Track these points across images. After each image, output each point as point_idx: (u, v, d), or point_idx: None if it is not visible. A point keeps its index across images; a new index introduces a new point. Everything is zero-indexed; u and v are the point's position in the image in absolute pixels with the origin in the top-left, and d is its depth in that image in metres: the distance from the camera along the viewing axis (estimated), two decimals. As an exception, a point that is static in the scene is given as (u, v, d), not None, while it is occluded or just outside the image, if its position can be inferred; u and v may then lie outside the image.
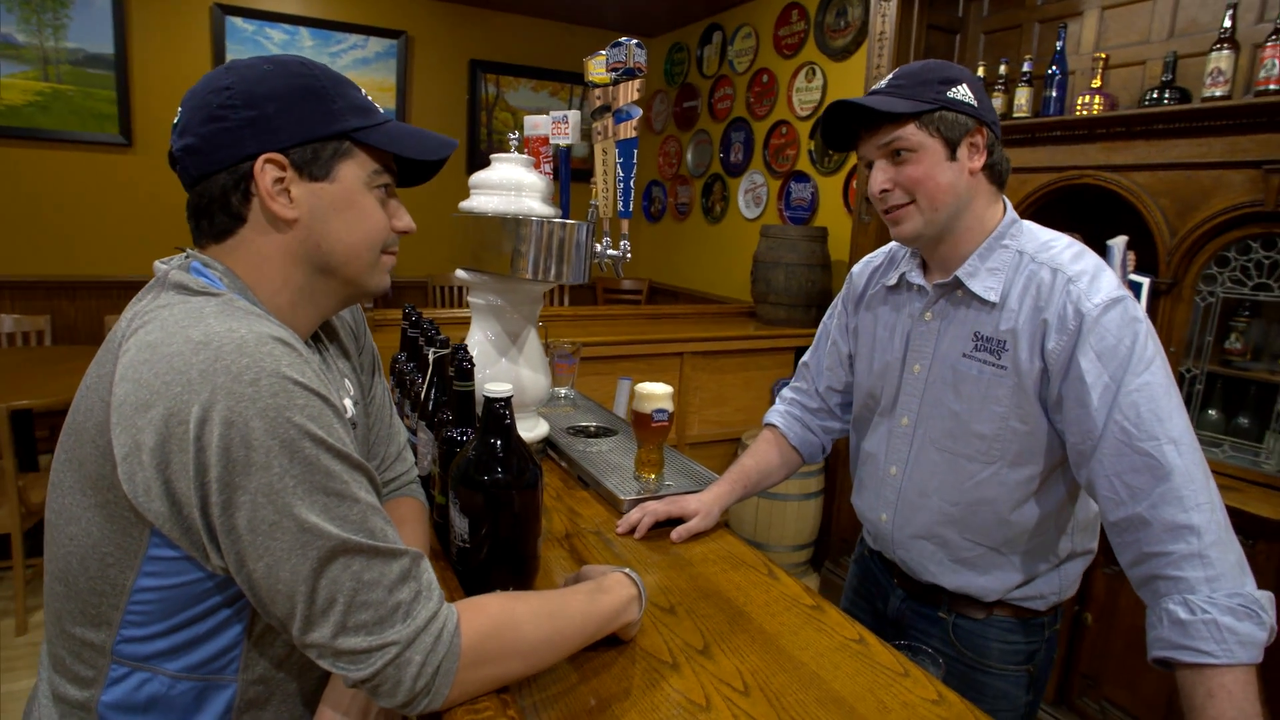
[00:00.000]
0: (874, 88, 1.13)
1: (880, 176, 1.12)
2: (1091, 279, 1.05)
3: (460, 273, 1.50)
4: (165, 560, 0.69)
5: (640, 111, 1.34)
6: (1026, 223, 1.17)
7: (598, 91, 1.41)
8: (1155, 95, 2.25)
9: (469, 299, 1.53)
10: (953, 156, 1.08)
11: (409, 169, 0.90)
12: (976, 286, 1.12)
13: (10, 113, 3.94)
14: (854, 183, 3.61)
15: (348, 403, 0.92)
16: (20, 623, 2.61)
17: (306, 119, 0.77)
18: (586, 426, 1.71)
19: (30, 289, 3.98)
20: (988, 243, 1.13)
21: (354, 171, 0.80)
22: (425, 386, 1.30)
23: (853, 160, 3.62)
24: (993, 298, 1.11)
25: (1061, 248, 1.11)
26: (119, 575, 0.69)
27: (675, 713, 0.80)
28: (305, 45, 4.45)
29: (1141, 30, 2.47)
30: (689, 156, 5.00)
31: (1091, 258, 1.09)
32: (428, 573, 0.73)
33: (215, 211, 0.77)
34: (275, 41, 4.38)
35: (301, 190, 0.78)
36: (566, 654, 0.83)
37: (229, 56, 4.28)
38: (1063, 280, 1.06)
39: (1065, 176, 2.37)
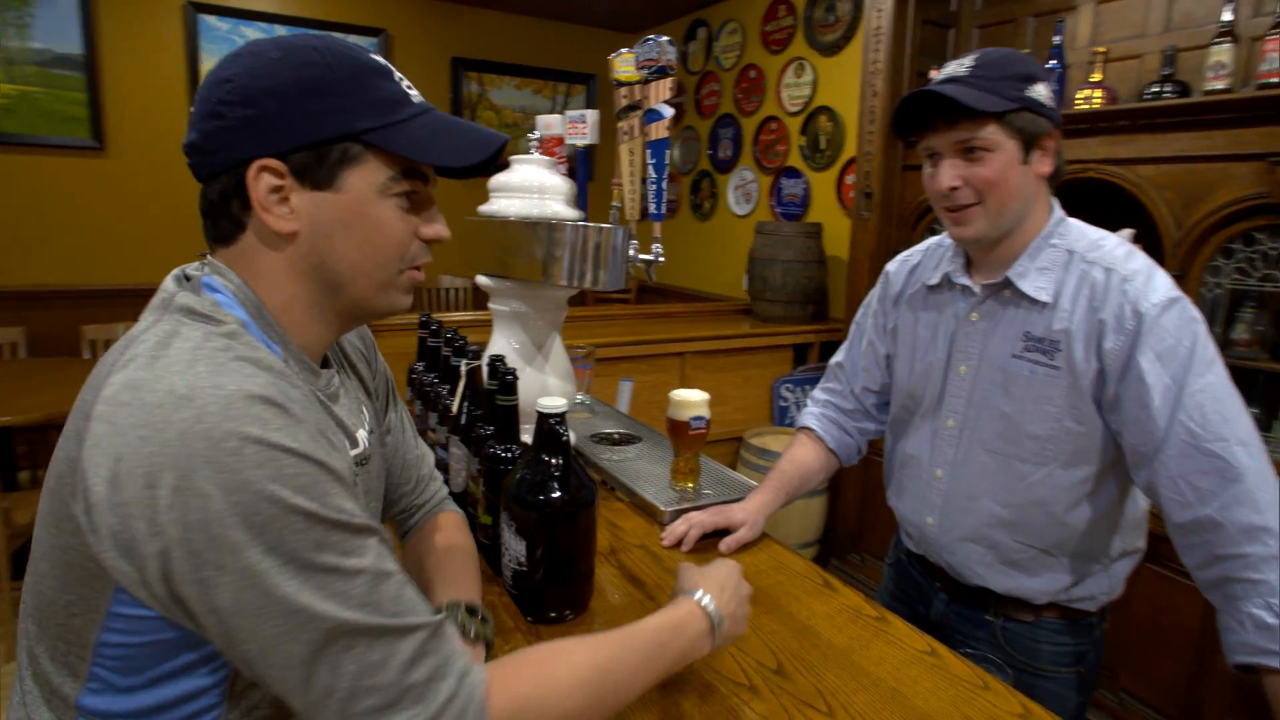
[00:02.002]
0: (950, 73, 1.08)
1: (949, 173, 1.07)
2: (1147, 278, 1.03)
3: (482, 279, 1.45)
4: (132, 619, 0.61)
5: (673, 111, 1.30)
6: (1073, 221, 1.15)
7: (624, 90, 1.38)
8: (1155, 89, 2.26)
9: (491, 305, 1.49)
10: (1026, 159, 1.05)
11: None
12: (1027, 286, 1.10)
13: (-25, 116, 3.79)
14: (848, 178, 3.61)
15: (362, 434, 0.84)
16: (8, 649, 2.50)
17: (310, 119, 0.68)
18: (610, 434, 1.67)
19: (1, 300, 3.83)
20: (1036, 242, 1.11)
21: (364, 179, 0.71)
22: (458, 400, 1.25)
23: (846, 155, 3.62)
24: (1044, 298, 1.09)
25: (1112, 246, 1.09)
26: (83, 627, 0.62)
27: (765, 740, 0.77)
28: (282, 44, 4.34)
29: (1137, 24, 2.48)
30: (676, 153, 4.96)
31: (1142, 257, 1.07)
32: (449, 643, 0.65)
33: (219, 215, 0.70)
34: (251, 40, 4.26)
35: (303, 200, 0.69)
36: (620, 708, 0.74)
37: (203, 56, 4.16)
38: (1117, 280, 1.04)
39: (1069, 170, 2.38)
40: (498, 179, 1.44)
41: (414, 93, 0.75)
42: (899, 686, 0.86)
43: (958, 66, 1.07)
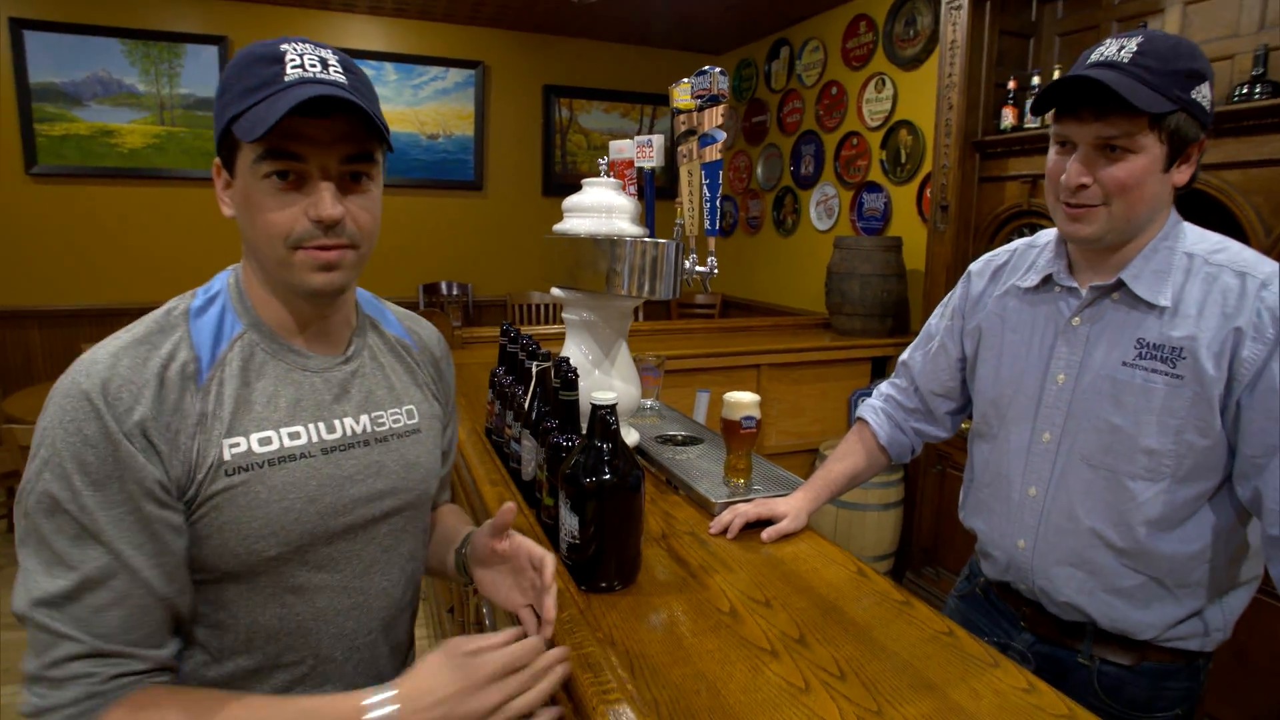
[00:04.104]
0: (1108, 56, 0.99)
1: (1081, 168, 1.02)
2: None
3: (556, 290, 1.60)
4: None
5: (725, 135, 1.42)
6: (1187, 224, 1.10)
7: (682, 116, 1.50)
8: (1245, 90, 2.20)
9: (564, 315, 1.63)
10: (1168, 167, 1.01)
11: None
12: (1142, 290, 1.05)
13: (133, 155, 4.31)
14: (928, 191, 3.60)
15: (375, 418, 0.93)
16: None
17: (219, 118, 0.79)
18: (674, 435, 1.79)
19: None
20: (1152, 244, 1.06)
21: (243, 163, 0.77)
22: (529, 397, 1.40)
23: (926, 169, 3.62)
24: (1164, 301, 1.04)
25: (1237, 250, 1.05)
26: None
27: (776, 694, 0.86)
28: (390, 79, 4.72)
29: (1229, 24, 2.41)
30: (759, 170, 5.05)
31: (1270, 262, 1.03)
32: (78, 670, 0.71)
33: None
34: (364, 78, 4.65)
35: (231, 189, 0.81)
36: None
37: (323, 94, 4.56)
38: (1254, 285, 1.00)
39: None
40: (570, 200, 1.59)
41: (294, 71, 0.75)
42: (911, 660, 0.94)
43: (1118, 49, 0.98)
